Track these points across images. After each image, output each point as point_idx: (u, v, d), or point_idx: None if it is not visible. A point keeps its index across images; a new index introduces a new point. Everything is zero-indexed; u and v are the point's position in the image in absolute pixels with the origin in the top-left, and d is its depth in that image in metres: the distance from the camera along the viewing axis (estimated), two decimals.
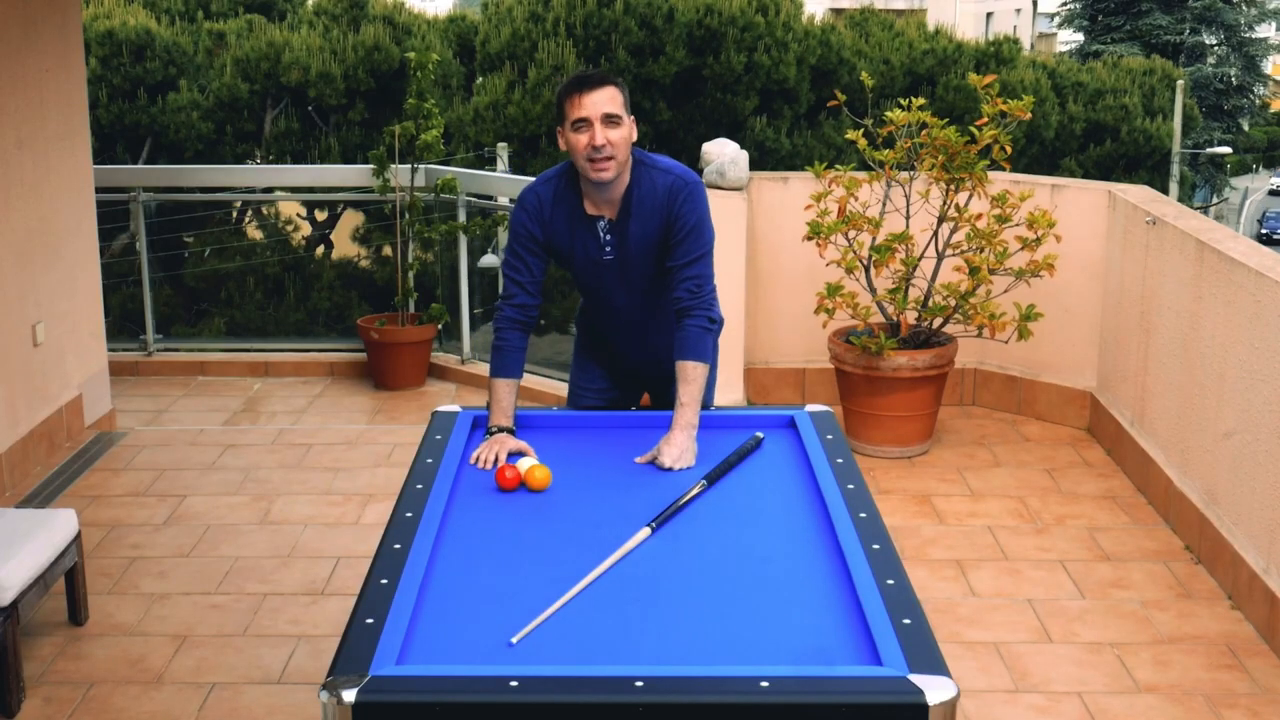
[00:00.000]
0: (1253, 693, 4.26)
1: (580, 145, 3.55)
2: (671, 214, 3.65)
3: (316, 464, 6.25)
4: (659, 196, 3.65)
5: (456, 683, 2.41)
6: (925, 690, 2.35)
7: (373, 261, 12.58)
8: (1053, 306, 6.51)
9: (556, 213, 3.71)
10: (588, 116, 3.52)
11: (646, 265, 3.74)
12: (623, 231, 3.69)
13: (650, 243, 3.70)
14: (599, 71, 3.64)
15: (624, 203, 3.67)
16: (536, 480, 3.30)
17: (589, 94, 3.52)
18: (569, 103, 3.56)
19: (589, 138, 3.53)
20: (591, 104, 3.52)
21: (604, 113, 3.52)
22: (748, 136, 12.59)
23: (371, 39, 12.52)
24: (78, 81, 6.56)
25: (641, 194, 3.66)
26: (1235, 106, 34.24)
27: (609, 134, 3.53)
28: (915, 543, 5.35)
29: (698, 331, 3.66)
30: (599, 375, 4.06)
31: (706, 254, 3.72)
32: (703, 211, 3.70)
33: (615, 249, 3.71)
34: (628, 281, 3.77)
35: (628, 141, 3.59)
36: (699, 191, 3.69)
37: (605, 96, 3.53)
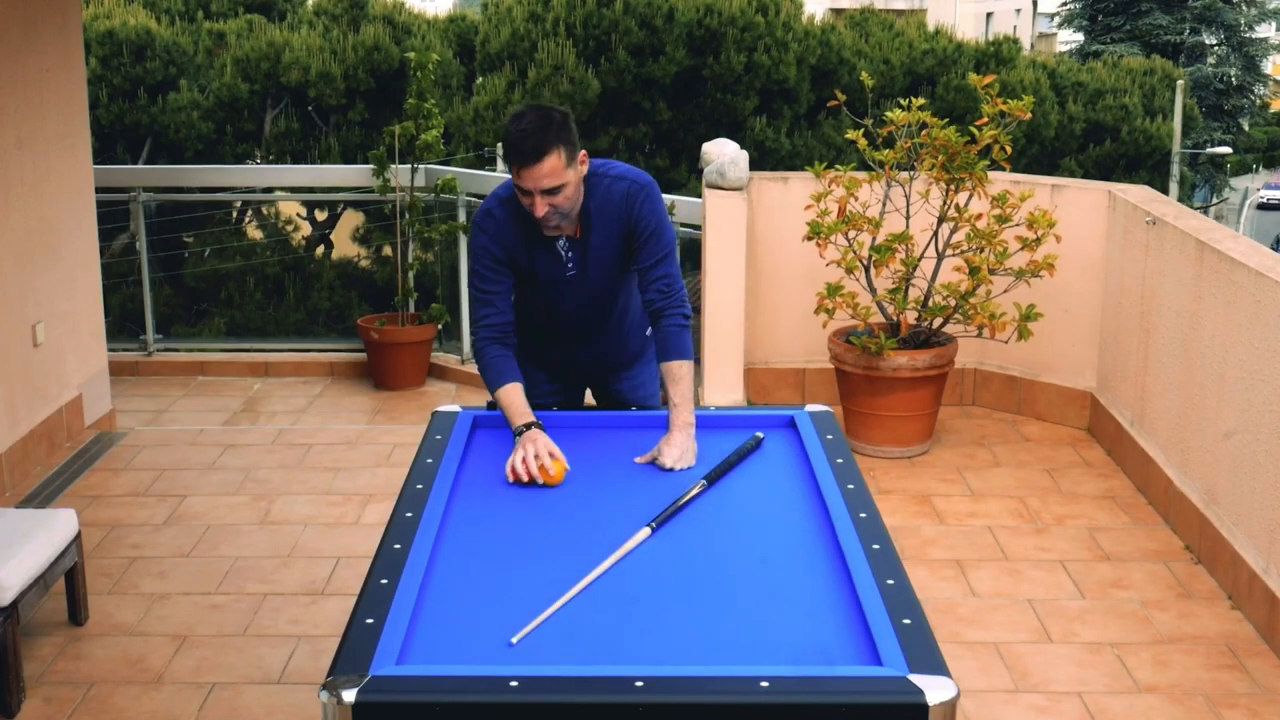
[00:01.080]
0: (1253, 693, 4.26)
1: (525, 204, 3.54)
2: (631, 218, 3.66)
3: (316, 464, 6.25)
4: (615, 204, 3.65)
5: (456, 683, 2.41)
6: (925, 690, 2.35)
7: (373, 261, 12.57)
8: (1053, 306, 6.51)
9: (515, 234, 3.68)
10: (529, 189, 3.50)
11: (607, 273, 3.75)
12: (584, 246, 3.69)
13: (611, 251, 3.71)
14: (538, 129, 3.47)
15: (582, 219, 3.66)
16: (550, 476, 3.32)
17: (530, 168, 3.46)
18: (511, 166, 3.51)
19: (531, 204, 3.52)
20: (532, 179, 3.47)
21: (544, 188, 3.48)
22: (748, 136, 12.59)
23: (371, 39, 12.51)
24: (78, 81, 6.56)
25: (598, 205, 3.65)
26: (1235, 106, 34.23)
27: (553, 199, 3.51)
28: (915, 543, 5.35)
29: (676, 330, 3.67)
30: (541, 379, 4.03)
31: (670, 252, 3.73)
32: (661, 212, 3.71)
33: (578, 264, 3.72)
34: (587, 290, 3.78)
35: (574, 196, 3.56)
36: (654, 192, 3.71)
37: (545, 171, 3.46)
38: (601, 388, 4.10)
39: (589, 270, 3.73)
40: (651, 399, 4.06)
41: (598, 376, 4.08)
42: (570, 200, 3.56)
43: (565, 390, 4.08)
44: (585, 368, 4.05)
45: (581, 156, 3.57)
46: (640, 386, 4.06)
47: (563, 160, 3.49)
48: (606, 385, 4.08)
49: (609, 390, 4.08)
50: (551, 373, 4.04)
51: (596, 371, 4.06)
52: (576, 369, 4.05)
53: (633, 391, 4.05)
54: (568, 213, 3.59)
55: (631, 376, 4.05)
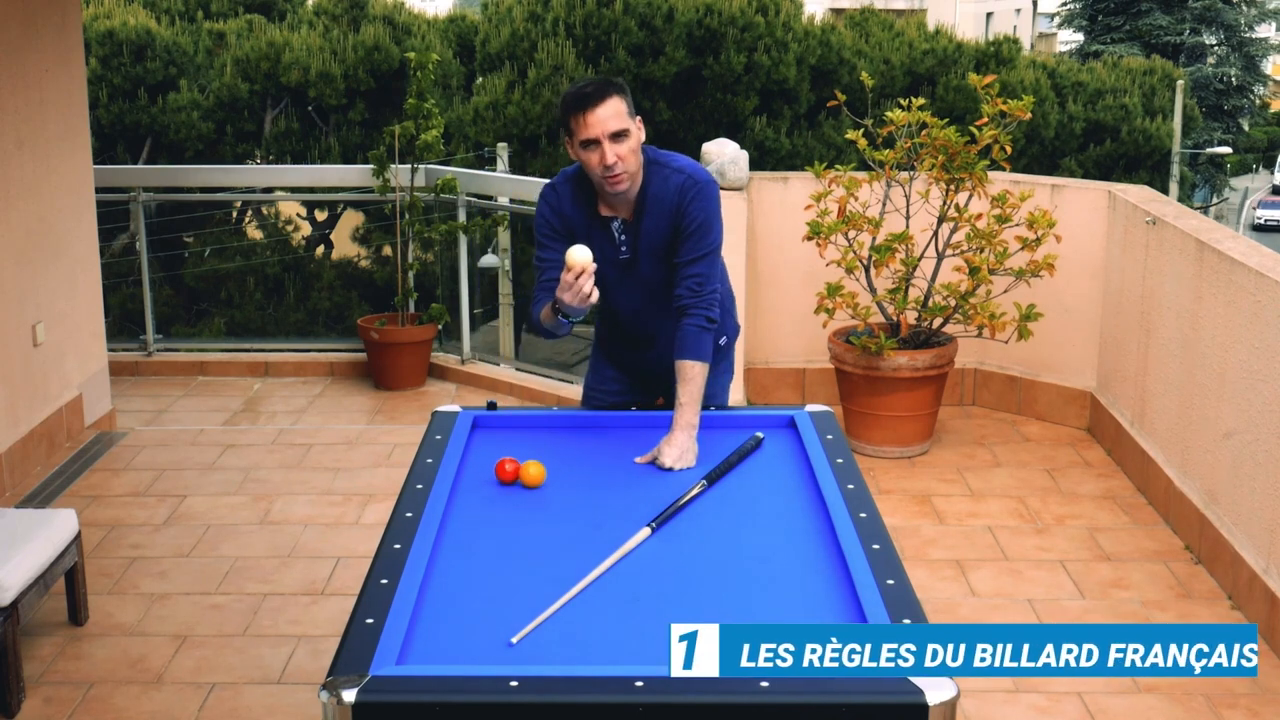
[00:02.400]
0: (1253, 693, 4.26)
1: (593, 163, 3.53)
2: (680, 211, 3.64)
3: (316, 464, 6.25)
4: (670, 194, 3.64)
5: (456, 683, 2.42)
6: (925, 690, 2.35)
7: (373, 261, 12.58)
8: (1053, 306, 6.51)
9: (574, 213, 3.70)
10: (595, 136, 3.49)
11: (659, 264, 3.73)
12: (637, 231, 3.68)
13: (662, 240, 3.69)
14: (597, 82, 3.54)
15: (638, 203, 3.66)
16: (531, 477, 3.32)
17: (593, 111, 3.47)
18: (574, 121, 3.51)
19: (599, 156, 3.50)
20: (598, 122, 3.48)
21: (611, 131, 3.49)
22: (748, 136, 12.59)
23: (371, 39, 12.52)
24: (78, 81, 6.56)
25: (655, 194, 3.65)
26: (1235, 106, 34.21)
27: (618, 149, 3.50)
28: (915, 543, 5.35)
29: (695, 330, 3.65)
30: (611, 378, 4.04)
31: (712, 253, 3.71)
32: (711, 211, 3.68)
33: (630, 249, 3.70)
34: (641, 282, 3.76)
35: (637, 149, 3.57)
36: (710, 190, 3.68)
37: (610, 112, 3.48)
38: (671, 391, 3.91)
39: (640, 257, 3.70)
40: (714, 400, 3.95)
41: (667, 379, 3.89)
42: (634, 156, 3.55)
43: (635, 391, 4.03)
44: (652, 370, 3.94)
45: (639, 122, 3.57)
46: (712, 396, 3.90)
47: (624, 106, 3.51)
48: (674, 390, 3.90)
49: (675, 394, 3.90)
50: (623, 371, 4.01)
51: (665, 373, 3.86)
52: (645, 371, 3.98)
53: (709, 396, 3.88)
54: (634, 173, 3.57)
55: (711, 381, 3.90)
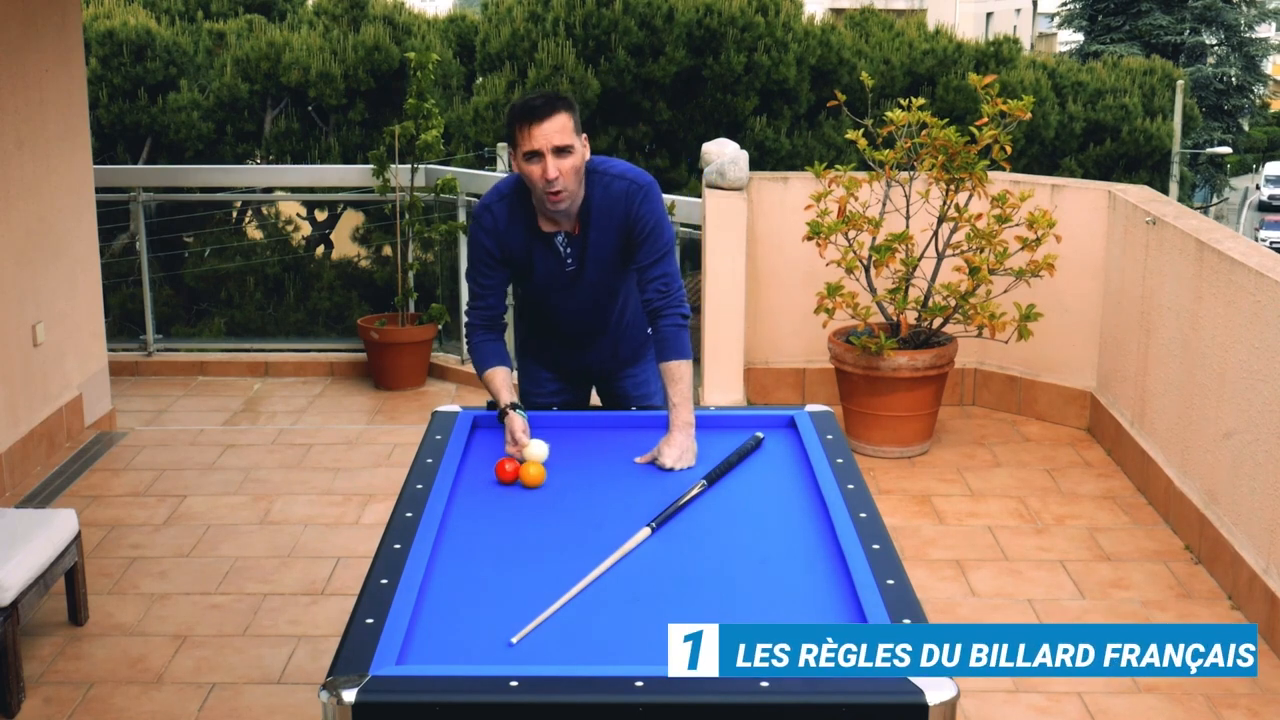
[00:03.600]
0: (1253, 693, 4.26)
1: (535, 175, 3.53)
2: (630, 218, 3.66)
3: (316, 464, 6.25)
4: (614, 201, 3.66)
5: (456, 683, 2.42)
6: (925, 690, 2.35)
7: (373, 261, 12.57)
8: (1053, 306, 6.51)
9: (512, 231, 3.70)
10: (539, 149, 3.50)
11: (606, 271, 3.76)
12: (583, 243, 3.70)
13: (610, 249, 3.71)
14: (546, 96, 3.57)
15: (581, 216, 3.67)
16: (531, 477, 3.32)
17: (539, 125, 3.48)
18: (520, 132, 3.52)
19: (541, 169, 3.51)
20: (542, 136, 3.49)
21: (554, 145, 3.49)
22: (748, 136, 12.58)
23: (371, 39, 12.51)
24: (78, 81, 6.56)
25: (598, 203, 3.66)
26: (1235, 106, 34.21)
27: (561, 164, 3.51)
28: (915, 543, 5.35)
29: (674, 330, 3.67)
30: (546, 379, 4.07)
31: (669, 252, 3.74)
32: (660, 211, 3.71)
33: (576, 260, 3.72)
34: (587, 288, 3.80)
35: (580, 168, 3.58)
36: (654, 192, 3.71)
37: (555, 127, 3.49)
38: (605, 386, 4.12)
39: (587, 267, 3.74)
40: (654, 396, 4.06)
41: (601, 375, 4.10)
42: (577, 173, 3.56)
43: (571, 389, 4.10)
44: (588, 368, 4.06)
45: (584, 140, 3.59)
46: (644, 384, 4.06)
47: (571, 123, 3.52)
48: (610, 383, 4.10)
49: (613, 388, 4.10)
50: (556, 372, 4.07)
51: (600, 370, 4.07)
52: (580, 369, 4.07)
53: (635, 389, 4.06)
54: (574, 191, 3.58)
55: (634, 374, 4.07)
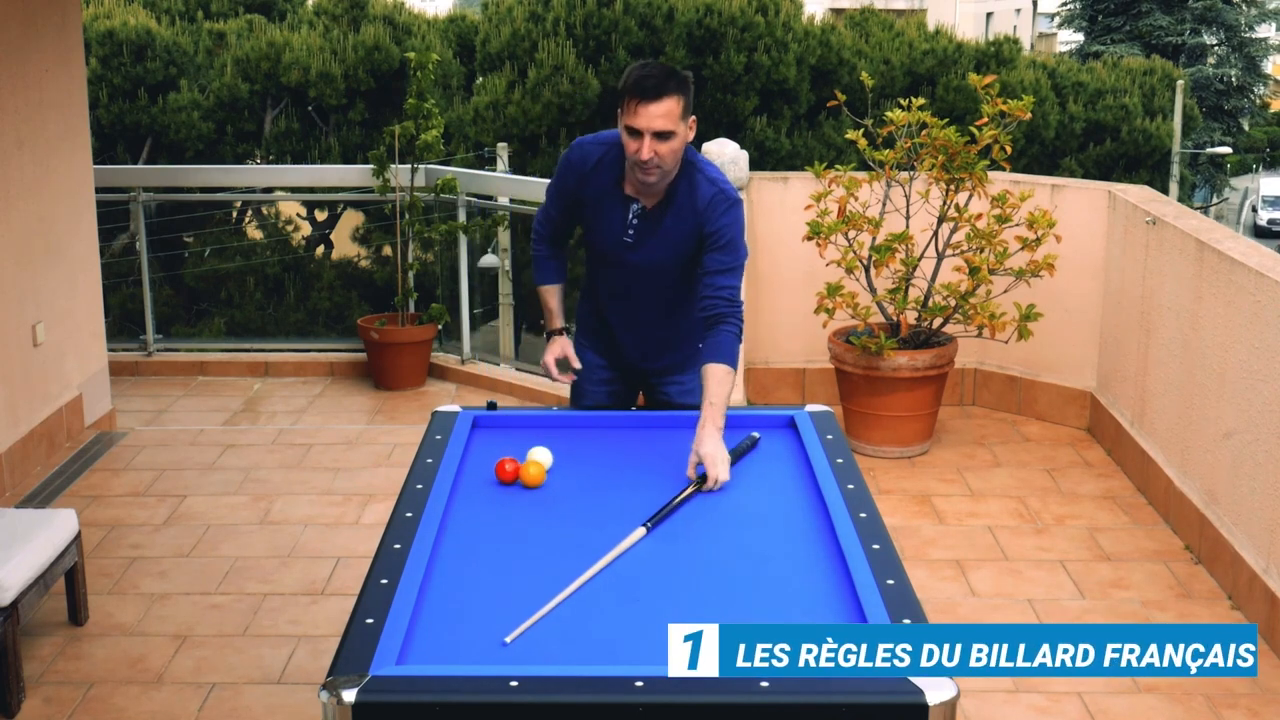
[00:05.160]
0: (1253, 693, 4.26)
1: (630, 149, 3.56)
2: (708, 221, 3.66)
3: (316, 464, 6.25)
4: (699, 200, 3.67)
5: (456, 683, 2.42)
6: (925, 690, 2.35)
7: (373, 261, 12.58)
8: (1053, 306, 6.51)
9: (596, 176, 3.74)
10: (640, 129, 3.51)
11: (662, 262, 3.76)
12: (652, 222, 3.71)
13: (673, 242, 3.71)
14: (663, 74, 3.53)
15: (664, 197, 3.69)
16: (531, 477, 3.33)
17: (645, 105, 3.49)
18: (627, 105, 3.53)
19: (638, 147, 3.53)
20: (646, 117, 3.50)
21: (656, 129, 3.50)
22: (748, 136, 12.58)
23: (371, 39, 12.52)
24: (78, 81, 6.56)
25: (681, 197, 3.68)
26: (1235, 107, 34.17)
27: (659, 147, 3.53)
28: (915, 543, 5.35)
29: (730, 339, 3.65)
30: (600, 366, 4.08)
31: (740, 267, 3.73)
32: (740, 227, 3.73)
33: (636, 235, 3.73)
34: (633, 270, 3.79)
35: (679, 150, 3.59)
36: (740, 208, 3.73)
37: (661, 111, 3.49)
38: (651, 391, 4.10)
39: (645, 247, 3.73)
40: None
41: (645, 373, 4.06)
42: (673, 156, 3.57)
43: (620, 383, 4.08)
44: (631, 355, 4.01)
45: (691, 122, 3.60)
46: (689, 394, 3.97)
47: (679, 108, 3.52)
48: (656, 389, 4.07)
49: (657, 393, 4.07)
50: (608, 360, 4.06)
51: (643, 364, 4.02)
52: (623, 354, 4.02)
53: (680, 397, 4.01)
54: (668, 171, 3.60)
55: (682, 381, 4.02)
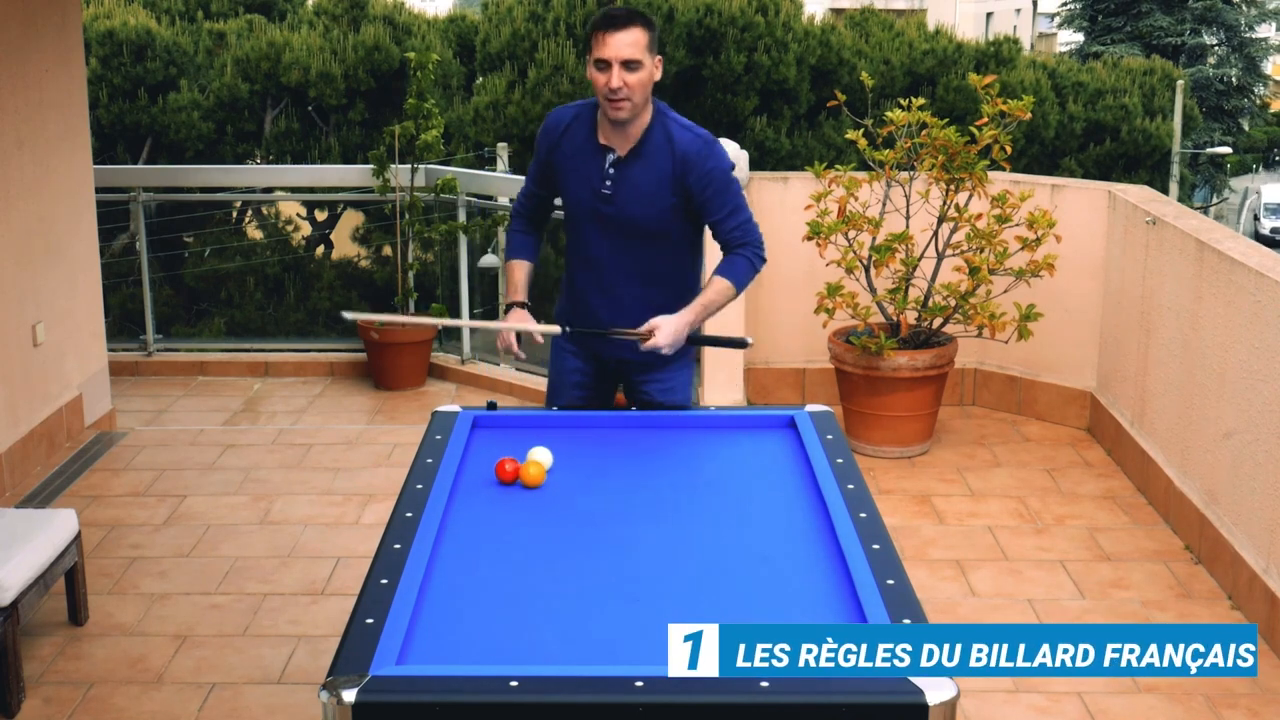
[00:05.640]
0: (1253, 693, 4.26)
1: (599, 83, 3.67)
2: (691, 169, 3.74)
3: (316, 464, 6.25)
4: (674, 149, 3.75)
5: (456, 683, 2.42)
6: (925, 690, 2.35)
7: (373, 261, 12.58)
8: (1053, 307, 6.50)
9: (570, 132, 3.84)
10: (608, 59, 3.63)
11: (641, 215, 3.80)
12: (628, 170, 3.77)
13: (650, 191, 3.77)
14: (629, 11, 3.71)
15: (638, 143, 3.77)
16: (531, 477, 3.33)
17: (613, 35, 3.63)
18: (594, 39, 3.67)
19: (607, 79, 3.64)
20: (614, 46, 3.63)
21: (624, 58, 3.62)
22: (748, 136, 12.59)
23: (371, 39, 12.52)
24: (78, 81, 6.56)
25: (657, 141, 3.76)
26: (1235, 107, 34.17)
27: (626, 77, 3.64)
28: (915, 543, 5.35)
29: (744, 262, 3.85)
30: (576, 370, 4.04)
31: (741, 204, 3.85)
32: (728, 164, 3.83)
33: (614, 185, 3.79)
34: (614, 225, 3.82)
35: (647, 84, 3.69)
36: (719, 147, 3.82)
37: (628, 40, 3.63)
38: (631, 390, 4.03)
39: (623, 197, 3.78)
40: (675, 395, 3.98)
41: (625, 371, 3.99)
42: (642, 89, 3.67)
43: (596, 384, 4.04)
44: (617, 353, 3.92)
45: (657, 61, 3.72)
46: (670, 392, 3.97)
47: (645, 39, 3.66)
48: (636, 388, 4.00)
49: (638, 392, 4.00)
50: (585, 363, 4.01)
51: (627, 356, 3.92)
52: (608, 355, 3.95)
53: (663, 395, 3.96)
54: (638, 105, 3.69)
55: (662, 379, 3.96)
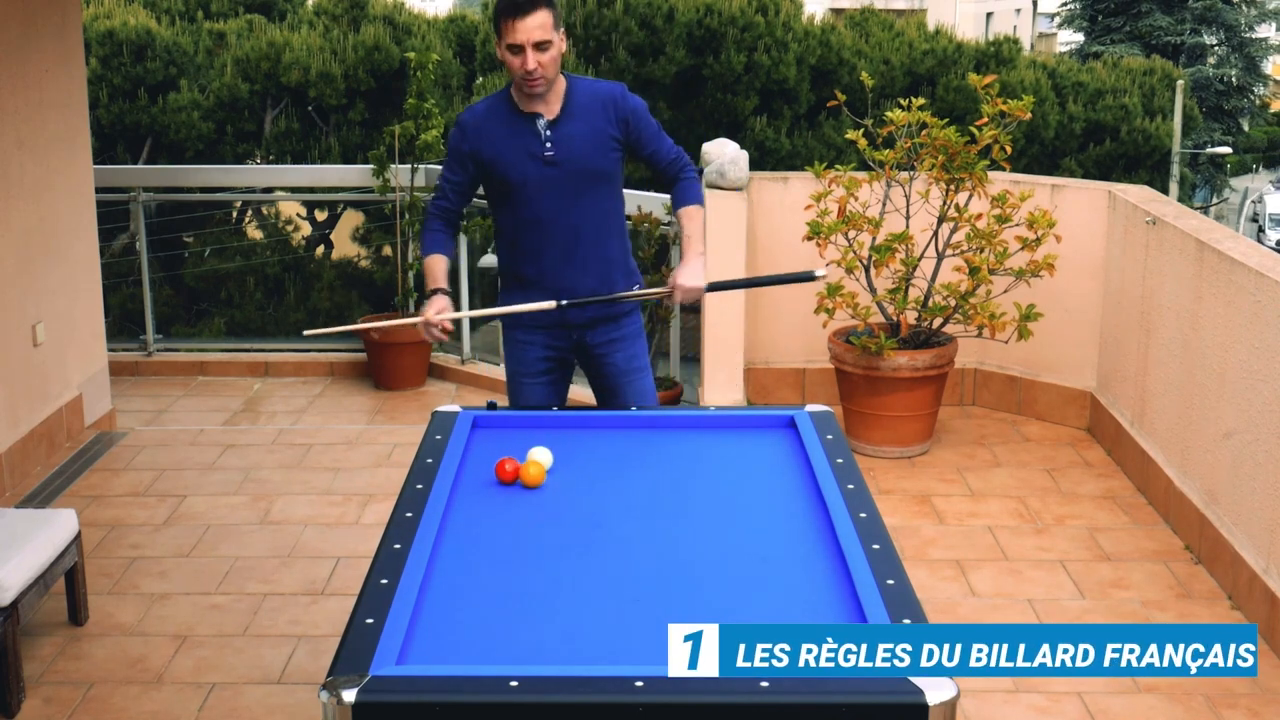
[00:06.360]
0: (1253, 693, 4.26)
1: (514, 66, 3.88)
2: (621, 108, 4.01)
3: (316, 464, 6.25)
4: (599, 97, 4.01)
5: (456, 683, 2.42)
6: (925, 690, 2.35)
7: (373, 261, 12.57)
8: (1053, 306, 6.50)
9: (491, 120, 4.02)
10: (520, 43, 3.84)
11: (587, 160, 3.99)
12: (564, 129, 3.96)
13: (592, 138, 4.00)
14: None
15: (564, 104, 3.99)
16: (531, 477, 3.33)
17: (521, 20, 3.82)
18: (504, 27, 3.86)
19: (522, 61, 3.86)
20: (524, 31, 3.83)
21: (535, 40, 3.84)
22: (748, 136, 12.58)
23: (371, 39, 12.51)
24: (78, 82, 6.56)
25: (580, 99, 4.00)
26: (1235, 107, 34.16)
27: (540, 57, 3.86)
28: (915, 543, 5.35)
29: (690, 183, 4.14)
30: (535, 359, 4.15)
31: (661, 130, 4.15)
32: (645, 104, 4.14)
33: (555, 144, 3.96)
34: (566, 184, 3.98)
35: (557, 59, 3.92)
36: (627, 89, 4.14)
37: (536, 23, 3.83)
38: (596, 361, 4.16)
39: (567, 152, 3.96)
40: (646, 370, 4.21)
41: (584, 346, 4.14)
42: (554, 64, 3.90)
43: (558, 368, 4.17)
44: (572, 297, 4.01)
45: (562, 34, 3.94)
46: (635, 358, 4.20)
47: (551, 19, 3.87)
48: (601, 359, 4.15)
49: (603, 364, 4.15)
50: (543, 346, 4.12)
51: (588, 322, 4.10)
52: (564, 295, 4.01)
53: (628, 363, 4.16)
54: (551, 79, 3.91)
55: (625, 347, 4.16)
